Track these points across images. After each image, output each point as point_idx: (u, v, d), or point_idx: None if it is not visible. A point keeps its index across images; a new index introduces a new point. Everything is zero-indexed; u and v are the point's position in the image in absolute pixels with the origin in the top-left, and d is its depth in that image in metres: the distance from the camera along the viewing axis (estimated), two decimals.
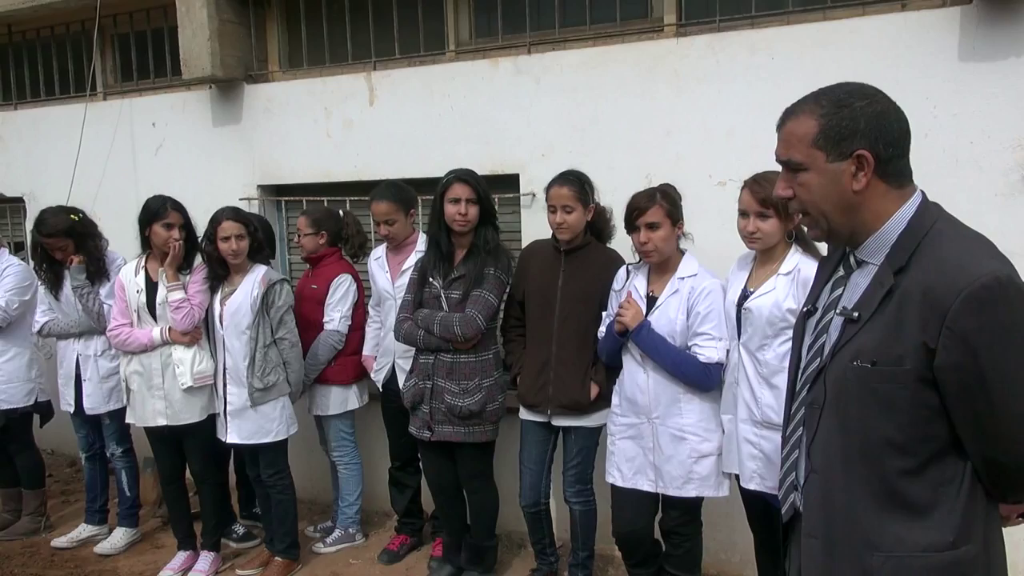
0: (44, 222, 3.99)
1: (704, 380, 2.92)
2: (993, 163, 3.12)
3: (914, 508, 1.49)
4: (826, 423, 1.57)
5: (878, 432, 1.49)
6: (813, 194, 1.54)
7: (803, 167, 1.53)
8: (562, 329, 3.31)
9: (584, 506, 3.43)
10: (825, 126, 1.50)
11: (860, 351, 1.50)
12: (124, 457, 4.23)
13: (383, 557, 4.01)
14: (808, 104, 1.54)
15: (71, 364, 4.14)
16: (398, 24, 4.36)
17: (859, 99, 1.50)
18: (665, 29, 3.73)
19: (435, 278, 3.44)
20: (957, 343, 1.39)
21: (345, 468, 4.16)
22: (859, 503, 1.52)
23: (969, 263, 1.41)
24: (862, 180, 1.50)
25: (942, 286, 1.40)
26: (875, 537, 1.51)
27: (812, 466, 1.61)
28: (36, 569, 4.08)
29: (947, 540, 1.47)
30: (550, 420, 3.38)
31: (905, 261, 1.48)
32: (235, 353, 3.65)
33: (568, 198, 3.23)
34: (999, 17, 3.06)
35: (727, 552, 3.69)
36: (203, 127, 4.89)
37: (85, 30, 5.24)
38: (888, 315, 1.47)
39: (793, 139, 1.54)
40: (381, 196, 3.72)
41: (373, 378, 3.95)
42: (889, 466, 1.49)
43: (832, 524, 1.57)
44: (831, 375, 1.56)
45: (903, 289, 1.46)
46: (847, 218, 1.54)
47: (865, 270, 1.58)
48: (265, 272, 3.69)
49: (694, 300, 2.94)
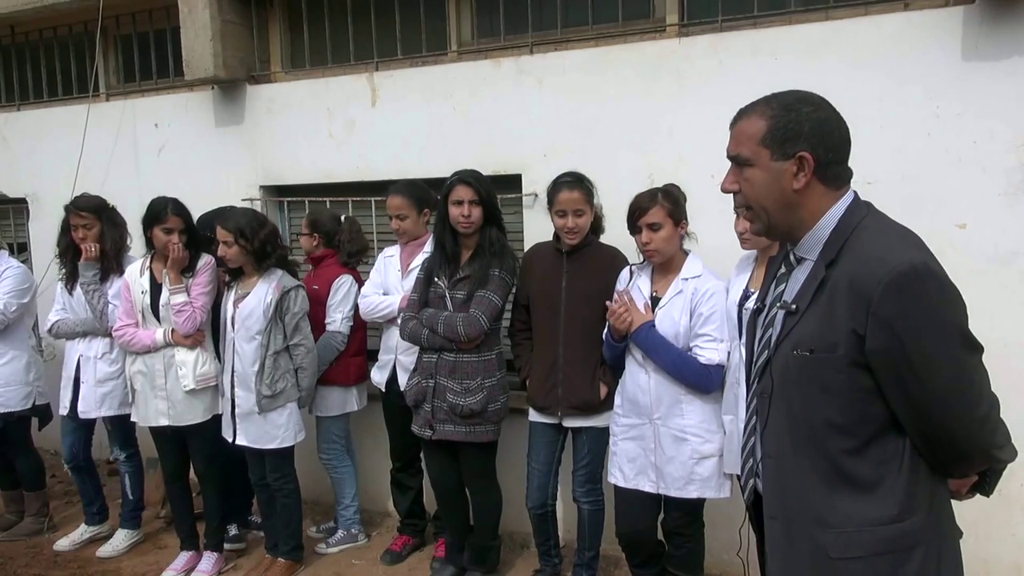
0: (79, 197, 4.07)
1: (704, 382, 2.92)
2: (996, 163, 3.11)
3: (860, 485, 1.59)
4: (775, 410, 1.68)
5: (820, 415, 1.60)
6: (756, 189, 1.65)
7: (749, 163, 1.64)
8: (568, 330, 3.30)
9: (593, 506, 3.43)
10: (772, 126, 1.61)
11: (799, 341, 1.61)
12: (128, 461, 4.21)
13: (386, 558, 4.01)
14: (760, 106, 1.65)
15: (72, 365, 4.13)
16: (400, 24, 4.36)
17: (806, 105, 1.62)
18: (667, 29, 3.73)
19: (440, 278, 3.45)
20: (882, 328, 1.50)
21: (335, 472, 4.15)
22: (810, 483, 1.62)
23: (888, 254, 1.52)
24: (802, 180, 1.61)
25: (865, 276, 1.52)
26: (826, 514, 1.61)
27: (766, 451, 1.72)
28: (39, 569, 4.08)
29: (892, 513, 1.57)
30: (561, 422, 3.38)
31: (835, 255, 1.59)
32: (244, 357, 3.63)
33: (580, 202, 3.23)
34: (1002, 17, 3.06)
35: (729, 552, 3.68)
36: (205, 128, 4.90)
37: (88, 31, 5.25)
38: (821, 306, 1.59)
39: (743, 136, 1.65)
40: (396, 191, 3.76)
41: (376, 379, 3.94)
42: (833, 446, 1.59)
43: (788, 505, 1.67)
44: (776, 365, 1.68)
45: (833, 281, 1.58)
46: (785, 215, 1.65)
47: (804, 266, 1.69)
48: (280, 278, 3.66)
49: (697, 301, 2.94)
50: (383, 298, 3.79)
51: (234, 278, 3.71)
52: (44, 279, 5.01)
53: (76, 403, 4.10)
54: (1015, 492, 3.18)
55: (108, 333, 4.01)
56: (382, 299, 3.79)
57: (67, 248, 4.07)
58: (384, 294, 3.82)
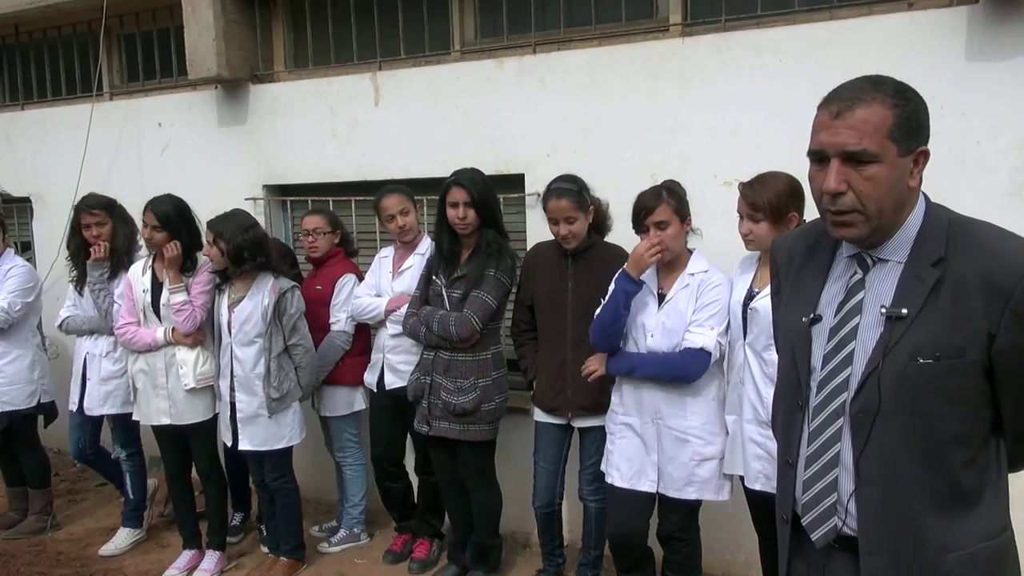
0: (89, 196, 4.11)
1: (684, 370, 2.88)
2: (1000, 163, 3.10)
3: (969, 499, 1.49)
4: (882, 430, 1.49)
5: (945, 427, 1.46)
6: (880, 189, 1.45)
7: (876, 159, 1.43)
8: (576, 332, 3.29)
9: (600, 504, 3.42)
10: (900, 117, 1.44)
11: (919, 348, 1.45)
12: (130, 460, 4.23)
13: (388, 557, 4.01)
14: (871, 91, 1.46)
15: (80, 362, 4.18)
16: (403, 24, 4.36)
17: (913, 94, 1.47)
18: (671, 29, 3.73)
19: (439, 276, 3.47)
20: (1020, 324, 1.40)
21: (349, 469, 4.17)
22: (925, 507, 1.49)
23: (1021, 247, 1.43)
24: (917, 177, 1.48)
25: (1002, 270, 1.41)
26: (944, 538, 1.48)
27: (866, 479, 1.52)
28: (42, 568, 4.09)
29: (1003, 523, 1.51)
30: (570, 422, 3.38)
31: (943, 252, 1.46)
32: (244, 362, 3.62)
33: (569, 209, 3.22)
34: (1006, 16, 3.05)
35: (731, 553, 3.68)
36: (209, 127, 4.90)
37: (91, 30, 5.25)
38: (942, 308, 1.44)
39: (867, 128, 1.43)
40: (391, 191, 3.77)
41: (367, 380, 3.93)
42: (954, 460, 1.47)
43: (898, 535, 1.50)
44: (887, 379, 1.48)
45: (955, 279, 1.44)
46: (896, 216, 1.50)
47: (884, 268, 1.54)
48: (275, 281, 3.66)
49: (701, 291, 2.92)
50: (372, 300, 3.83)
51: (224, 281, 3.71)
52: (48, 277, 5.03)
53: (83, 399, 4.15)
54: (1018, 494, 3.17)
55: (112, 332, 4.02)
56: (371, 301, 3.82)
57: (79, 248, 4.09)
58: (376, 295, 3.85)
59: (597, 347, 3.12)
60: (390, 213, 3.74)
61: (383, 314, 3.76)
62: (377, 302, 3.80)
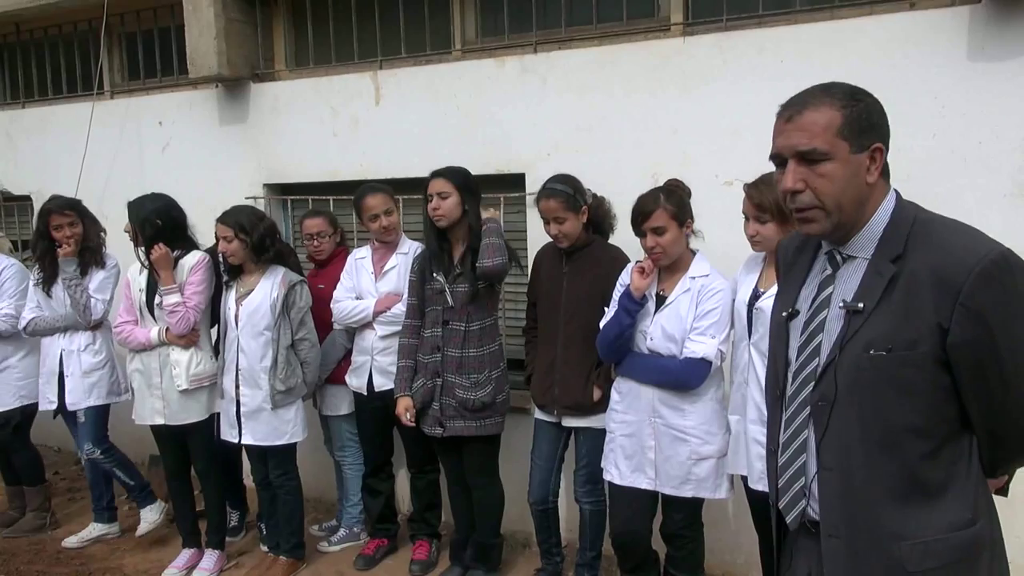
0: (55, 198, 4.11)
1: (682, 378, 2.89)
2: (1002, 163, 3.10)
3: (931, 491, 1.52)
4: (839, 419, 1.56)
5: (898, 418, 1.51)
6: (835, 185, 1.52)
7: (827, 157, 1.51)
8: (567, 330, 3.31)
9: (594, 506, 3.42)
10: (849, 116, 1.50)
11: (872, 340, 1.51)
12: (107, 456, 4.13)
13: (359, 562, 3.96)
14: (820, 96, 1.53)
15: (54, 360, 4.11)
16: (404, 23, 4.36)
17: (864, 95, 1.54)
18: (672, 28, 3.72)
19: (438, 274, 3.45)
20: (971, 319, 1.43)
21: (350, 468, 4.17)
22: (881, 494, 1.53)
23: (974, 244, 1.47)
24: (875, 173, 1.54)
25: (952, 266, 1.45)
26: (900, 526, 1.52)
27: (823, 465, 1.59)
28: (42, 566, 4.09)
29: (966, 517, 1.52)
30: (560, 420, 3.38)
31: (901, 249, 1.52)
32: (250, 354, 3.62)
33: (557, 210, 3.23)
34: (1008, 17, 3.04)
35: (732, 553, 3.68)
36: (209, 126, 4.90)
37: (92, 29, 5.25)
38: (896, 302, 1.50)
39: (816, 128, 1.50)
40: (374, 190, 3.76)
41: (354, 385, 3.86)
42: (910, 451, 1.51)
43: (854, 520, 1.56)
44: (842, 369, 1.55)
45: (909, 275, 1.49)
46: (856, 212, 1.56)
47: (854, 264, 1.60)
48: (284, 274, 3.66)
49: (702, 298, 2.92)
50: (357, 302, 3.78)
51: (233, 277, 3.71)
52: None
53: (63, 398, 4.09)
54: (1019, 493, 3.16)
55: (91, 326, 4.05)
56: (356, 303, 3.78)
57: (46, 251, 4.06)
58: (357, 298, 3.81)
59: (604, 358, 3.15)
60: (374, 212, 3.71)
61: (371, 316, 3.73)
62: (363, 304, 3.76)
